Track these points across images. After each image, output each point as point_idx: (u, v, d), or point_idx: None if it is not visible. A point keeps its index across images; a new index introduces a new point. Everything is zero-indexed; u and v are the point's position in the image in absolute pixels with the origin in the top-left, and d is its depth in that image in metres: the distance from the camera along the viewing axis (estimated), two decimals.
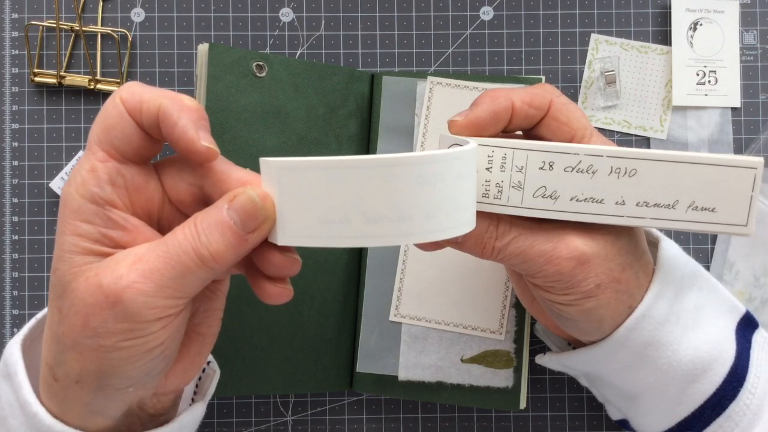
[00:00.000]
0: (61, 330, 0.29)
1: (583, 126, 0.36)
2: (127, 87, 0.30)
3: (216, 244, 0.29)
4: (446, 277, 0.47)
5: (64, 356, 0.30)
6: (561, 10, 0.52)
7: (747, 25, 0.52)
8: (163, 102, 0.29)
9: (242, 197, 0.29)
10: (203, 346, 0.34)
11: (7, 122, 0.51)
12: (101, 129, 0.30)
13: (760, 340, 0.40)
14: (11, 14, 0.51)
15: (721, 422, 0.37)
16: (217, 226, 0.29)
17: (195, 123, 0.29)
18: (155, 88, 0.30)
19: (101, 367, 0.29)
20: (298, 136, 0.47)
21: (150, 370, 0.30)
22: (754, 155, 0.51)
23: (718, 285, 0.40)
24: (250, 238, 0.29)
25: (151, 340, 0.29)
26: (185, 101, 0.30)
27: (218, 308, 0.35)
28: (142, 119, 0.30)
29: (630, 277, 0.36)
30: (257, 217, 0.29)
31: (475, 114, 0.35)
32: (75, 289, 0.29)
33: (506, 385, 0.47)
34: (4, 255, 0.50)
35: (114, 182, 0.30)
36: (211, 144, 0.30)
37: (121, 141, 0.30)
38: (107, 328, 0.28)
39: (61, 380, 0.30)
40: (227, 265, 0.29)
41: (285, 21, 0.52)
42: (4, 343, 0.50)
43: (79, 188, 0.30)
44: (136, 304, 0.28)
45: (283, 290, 0.32)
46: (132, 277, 0.28)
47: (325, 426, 0.51)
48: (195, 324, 0.34)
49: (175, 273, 0.29)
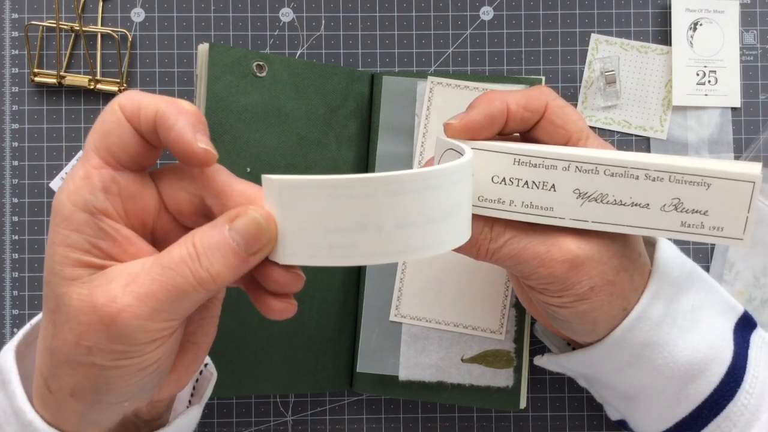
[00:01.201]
0: (55, 344, 0.29)
1: (579, 129, 0.36)
2: (126, 94, 0.30)
3: (218, 265, 0.28)
4: (446, 277, 0.47)
5: (57, 370, 0.29)
6: (561, 10, 0.52)
7: (747, 25, 0.52)
8: (161, 106, 0.29)
9: (246, 219, 0.28)
10: (198, 354, 0.34)
11: (7, 122, 0.51)
12: (98, 135, 0.30)
13: (759, 340, 0.40)
14: (11, 14, 0.51)
15: (719, 422, 0.37)
16: (219, 248, 0.28)
17: (192, 126, 0.29)
18: (154, 95, 0.30)
19: (95, 384, 0.29)
20: (298, 136, 0.47)
21: (144, 385, 0.30)
22: (753, 155, 0.51)
23: (716, 285, 0.40)
24: (251, 260, 0.29)
25: (144, 360, 0.29)
26: (183, 105, 0.29)
27: (214, 316, 0.34)
28: (140, 124, 0.29)
29: (624, 280, 0.36)
30: (261, 240, 0.28)
31: (470, 117, 0.35)
32: (68, 304, 0.28)
33: (506, 384, 0.47)
34: (4, 255, 0.50)
35: (108, 189, 0.29)
36: (208, 147, 0.29)
37: (118, 147, 0.29)
38: (101, 348, 0.28)
39: (56, 392, 0.30)
40: (226, 284, 0.29)
41: (285, 21, 0.52)
42: (5, 342, 0.50)
43: (71, 195, 0.29)
44: (130, 328, 0.28)
45: (288, 306, 0.31)
46: (126, 301, 0.27)
47: (325, 426, 0.51)
48: (190, 333, 0.33)
49: (170, 297, 0.28)
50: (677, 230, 0.34)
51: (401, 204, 0.27)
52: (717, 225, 0.33)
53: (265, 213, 0.29)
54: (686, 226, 0.34)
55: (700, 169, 0.33)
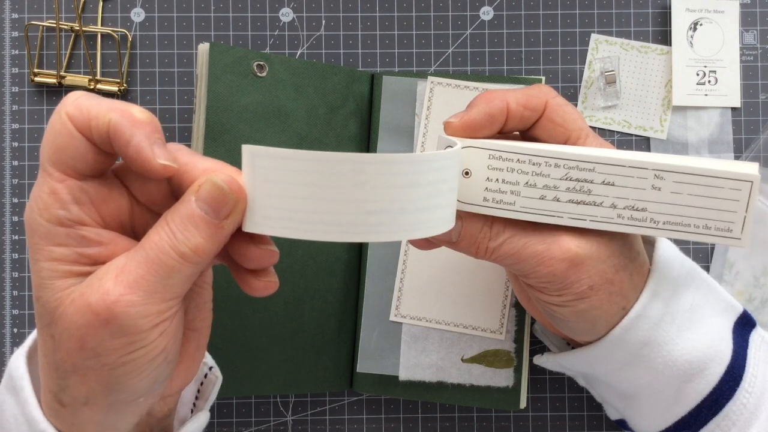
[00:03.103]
0: (59, 357, 0.29)
1: (578, 127, 0.36)
2: (73, 101, 0.29)
3: (193, 238, 0.28)
4: (446, 277, 0.47)
5: (67, 381, 0.29)
6: (561, 10, 0.52)
7: (747, 25, 0.52)
8: (113, 117, 0.28)
9: (207, 185, 0.28)
10: (200, 340, 0.34)
11: (7, 122, 0.51)
12: (52, 149, 0.29)
13: (758, 339, 0.40)
14: (11, 14, 0.51)
15: (718, 421, 0.37)
16: (189, 220, 0.28)
17: (149, 138, 0.28)
18: (103, 100, 0.29)
19: (108, 385, 0.29)
20: (298, 136, 0.47)
21: (156, 377, 0.30)
22: (753, 155, 0.51)
23: (715, 285, 0.40)
24: (225, 225, 0.29)
25: (152, 350, 0.29)
26: (135, 114, 0.28)
27: (207, 300, 0.34)
28: (92, 136, 0.28)
29: (623, 279, 0.36)
30: (227, 202, 0.28)
31: (470, 116, 0.35)
32: (63, 313, 0.28)
33: (506, 384, 0.47)
34: (4, 255, 0.50)
35: (79, 200, 0.29)
36: (167, 161, 0.28)
37: (76, 160, 0.29)
38: (106, 346, 0.28)
39: (69, 405, 0.30)
40: (209, 256, 0.29)
41: (285, 21, 0.52)
42: (4, 343, 0.50)
43: (43, 213, 0.28)
44: (129, 317, 0.27)
45: (268, 283, 0.31)
46: (119, 291, 0.27)
47: (325, 426, 0.51)
48: (188, 320, 0.33)
49: (159, 276, 0.28)
50: (676, 230, 0.34)
51: (368, 183, 0.27)
52: (715, 225, 0.33)
53: (225, 177, 0.28)
54: (685, 226, 0.34)
55: (699, 168, 0.33)
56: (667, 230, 0.34)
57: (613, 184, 0.34)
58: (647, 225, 0.34)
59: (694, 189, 0.33)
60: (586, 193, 0.34)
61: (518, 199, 0.34)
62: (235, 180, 0.29)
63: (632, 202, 0.34)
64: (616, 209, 0.34)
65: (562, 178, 0.34)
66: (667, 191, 0.33)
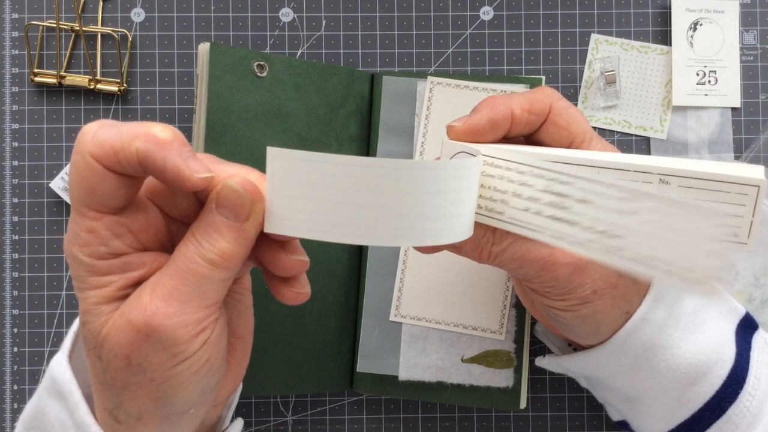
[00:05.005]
0: (109, 376, 0.29)
1: (583, 130, 0.36)
2: (91, 138, 0.28)
3: (218, 243, 0.28)
4: (447, 277, 0.47)
5: (119, 399, 0.30)
6: (561, 10, 0.52)
7: (747, 25, 0.52)
8: (140, 146, 0.27)
9: (224, 190, 0.29)
10: (246, 347, 0.34)
11: (7, 122, 0.51)
12: (83, 191, 0.28)
13: (761, 342, 0.40)
14: (11, 14, 0.51)
15: (720, 424, 0.37)
16: (212, 227, 0.29)
17: (181, 157, 0.28)
18: (121, 128, 0.28)
19: (158, 400, 0.29)
20: (299, 136, 0.47)
21: (204, 388, 0.30)
22: (753, 155, 0.51)
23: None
24: (247, 226, 0.29)
25: (196, 362, 0.29)
26: (159, 136, 0.28)
27: (248, 306, 0.34)
28: (122, 169, 0.28)
29: (627, 283, 0.36)
30: (244, 204, 0.28)
31: (473, 121, 0.35)
32: (107, 335, 0.29)
33: (506, 385, 0.47)
34: (4, 255, 0.50)
35: (118, 234, 0.29)
36: (205, 173, 0.28)
37: (109, 198, 0.28)
38: (150, 361, 0.28)
39: (125, 421, 0.30)
40: (238, 260, 0.29)
41: (285, 21, 0.52)
42: (5, 343, 0.50)
43: (84, 250, 0.29)
44: (167, 329, 0.28)
45: (299, 294, 0.32)
46: (155, 304, 0.28)
47: (325, 426, 0.51)
48: (232, 329, 0.33)
49: (192, 285, 0.28)
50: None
51: (384, 189, 0.27)
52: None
53: (240, 179, 0.29)
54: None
55: (704, 173, 0.32)
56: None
57: (593, 202, 0.31)
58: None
59: (699, 194, 0.33)
60: (565, 209, 0.32)
61: (507, 209, 0.33)
62: (249, 182, 0.29)
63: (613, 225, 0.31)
64: (594, 231, 0.32)
65: (544, 190, 0.32)
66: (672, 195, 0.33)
